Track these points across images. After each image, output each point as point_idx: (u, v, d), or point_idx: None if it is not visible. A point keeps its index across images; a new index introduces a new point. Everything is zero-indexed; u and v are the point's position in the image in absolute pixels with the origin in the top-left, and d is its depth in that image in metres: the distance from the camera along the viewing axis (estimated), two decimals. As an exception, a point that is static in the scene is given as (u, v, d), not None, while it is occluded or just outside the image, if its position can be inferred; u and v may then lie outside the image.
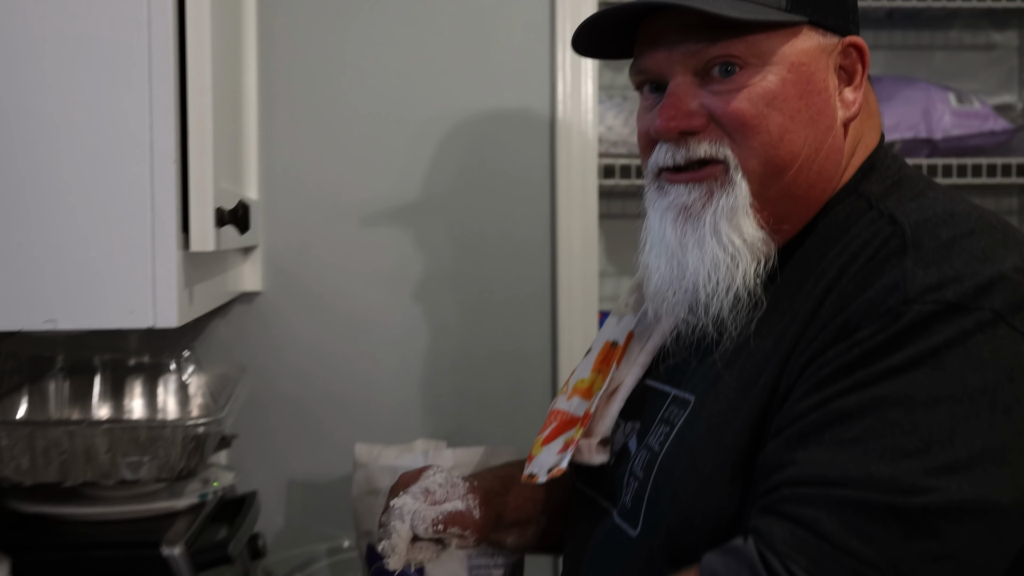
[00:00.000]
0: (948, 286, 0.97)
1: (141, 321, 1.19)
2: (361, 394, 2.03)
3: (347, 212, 2.02)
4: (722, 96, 1.11)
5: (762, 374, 1.06)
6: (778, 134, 1.10)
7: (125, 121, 1.19)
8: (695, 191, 1.13)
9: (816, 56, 1.12)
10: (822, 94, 1.12)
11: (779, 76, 1.10)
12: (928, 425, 0.93)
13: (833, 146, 1.13)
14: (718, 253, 1.10)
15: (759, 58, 1.10)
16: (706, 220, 1.11)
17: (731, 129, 1.10)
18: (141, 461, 1.48)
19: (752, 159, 1.10)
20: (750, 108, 1.09)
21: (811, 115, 1.11)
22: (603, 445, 1.24)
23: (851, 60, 1.14)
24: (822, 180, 1.13)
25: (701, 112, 1.12)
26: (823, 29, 1.12)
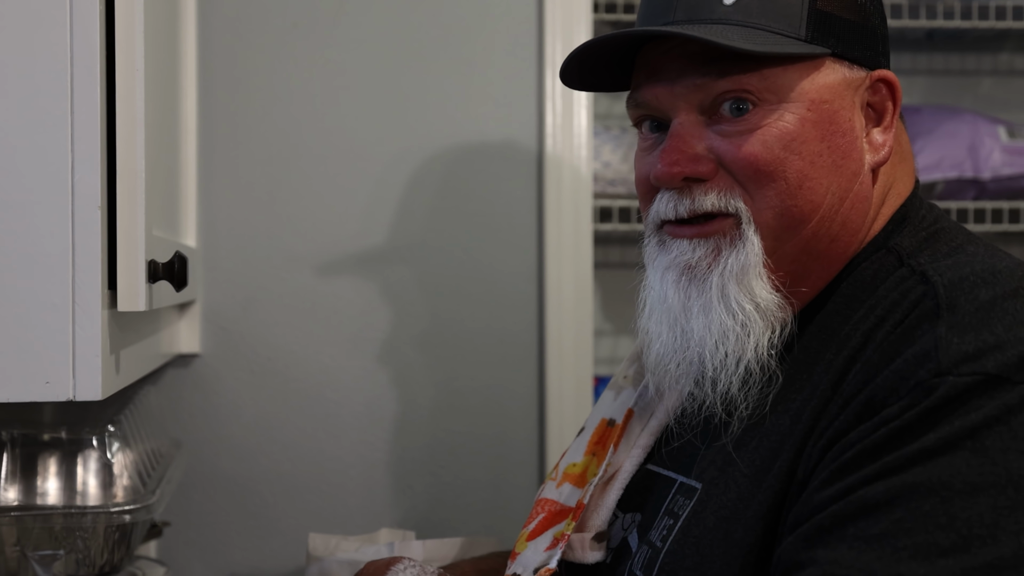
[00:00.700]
0: (988, 355, 0.98)
1: (59, 394, 1.19)
2: (316, 473, 2.04)
3: (299, 262, 2.03)
4: (732, 138, 1.12)
5: (777, 458, 1.07)
6: (797, 182, 1.11)
7: (42, 159, 1.18)
8: (700, 248, 1.14)
9: (840, 92, 1.14)
10: (847, 135, 1.14)
11: (798, 115, 1.12)
12: (967, 518, 0.93)
13: (859, 195, 1.15)
14: (727, 320, 1.12)
15: (775, 94, 1.12)
16: (712, 282, 1.13)
17: (743, 177, 1.12)
18: (55, 556, 1.48)
19: (767, 211, 1.12)
20: (765, 152, 1.11)
21: (834, 159, 1.13)
22: (598, 541, 1.25)
23: (880, 97, 1.17)
24: (846, 233, 1.15)
25: (708, 156, 1.13)
26: (849, 62, 1.15)
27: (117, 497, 1.58)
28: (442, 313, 2.06)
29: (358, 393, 2.04)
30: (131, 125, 1.25)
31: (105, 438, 1.60)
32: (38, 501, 1.57)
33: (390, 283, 2.05)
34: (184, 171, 1.91)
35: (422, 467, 2.05)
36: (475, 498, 2.07)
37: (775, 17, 1.12)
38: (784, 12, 1.12)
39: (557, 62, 2.05)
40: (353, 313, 2.04)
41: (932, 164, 2.19)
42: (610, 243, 2.33)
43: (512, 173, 2.07)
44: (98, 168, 1.20)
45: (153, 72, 1.36)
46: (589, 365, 2.08)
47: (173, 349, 1.91)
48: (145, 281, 1.26)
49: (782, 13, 1.12)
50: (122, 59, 1.25)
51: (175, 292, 1.42)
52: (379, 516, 2.03)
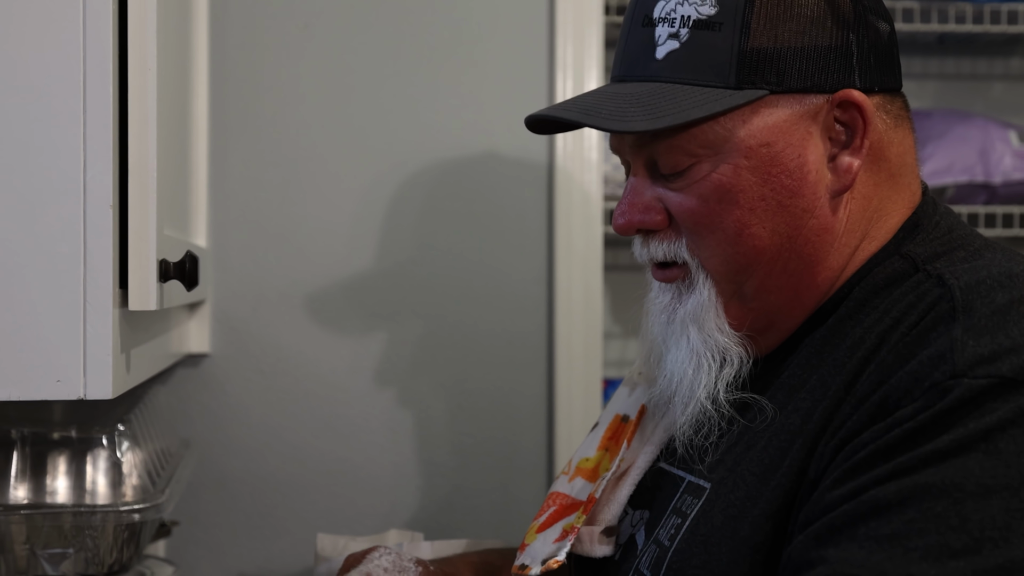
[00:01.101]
0: (1003, 358, 0.98)
1: (70, 392, 1.19)
2: (324, 474, 2.04)
3: (310, 263, 2.03)
4: (676, 193, 1.16)
5: (786, 456, 1.07)
6: (735, 231, 1.14)
7: (54, 158, 1.19)
8: (665, 293, 1.20)
9: (785, 129, 1.13)
10: (794, 174, 1.13)
11: (732, 164, 1.13)
12: (979, 520, 0.93)
13: (816, 227, 1.15)
14: (686, 358, 1.17)
15: (708, 148, 1.13)
16: (677, 322, 1.18)
17: (685, 229, 1.16)
18: (65, 554, 1.48)
19: (712, 259, 1.16)
20: (701, 207, 1.14)
21: (779, 200, 1.13)
22: (607, 535, 1.25)
23: (851, 115, 1.14)
24: (810, 265, 1.16)
25: (659, 207, 1.17)
26: (797, 92, 1.13)
27: (126, 496, 1.58)
28: (451, 315, 2.06)
29: (367, 394, 2.04)
30: (143, 124, 1.25)
31: (115, 437, 1.60)
32: (47, 499, 1.58)
33: (400, 285, 2.05)
34: (195, 171, 1.91)
35: (431, 468, 2.06)
36: (483, 500, 2.07)
37: (702, 69, 1.12)
38: (711, 62, 1.11)
39: (568, 64, 2.05)
40: (363, 314, 2.04)
41: (943, 168, 2.19)
42: (620, 246, 2.33)
43: (523, 175, 2.07)
44: (110, 167, 1.20)
45: (165, 72, 1.36)
46: (598, 368, 2.08)
47: (183, 349, 1.92)
48: (156, 280, 1.26)
49: (709, 63, 1.11)
50: (134, 59, 1.25)
51: (186, 291, 1.42)
52: (388, 517, 2.03)
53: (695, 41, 1.12)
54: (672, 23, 1.13)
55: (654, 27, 1.14)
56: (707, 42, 1.11)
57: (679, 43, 1.12)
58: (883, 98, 1.17)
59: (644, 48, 1.15)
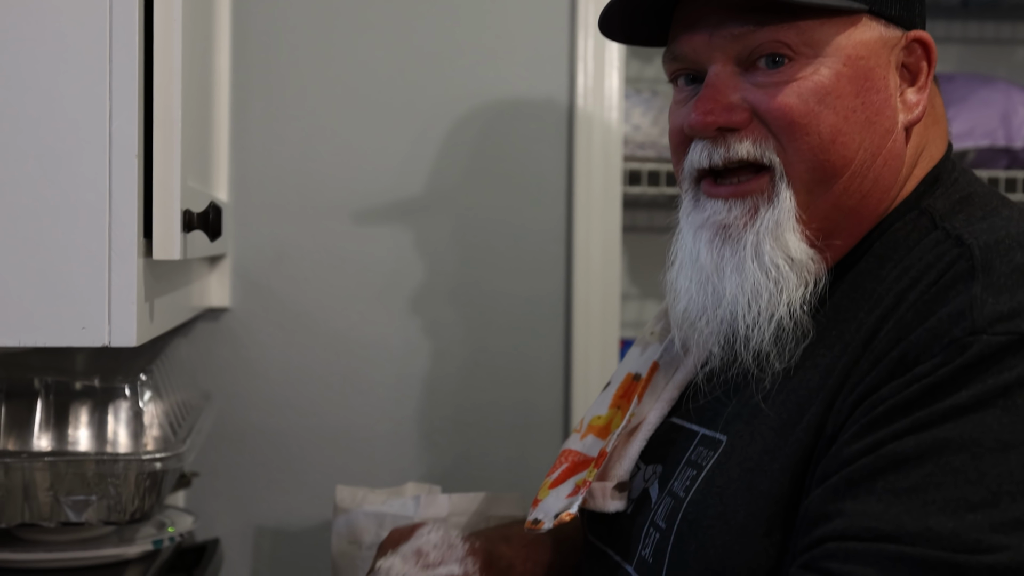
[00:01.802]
0: (1022, 315, 0.98)
1: (95, 339, 1.20)
2: (344, 428, 2.05)
3: (330, 217, 2.04)
4: (767, 89, 1.13)
5: (805, 412, 1.07)
6: (830, 135, 1.12)
7: (80, 109, 1.19)
8: (736, 208, 1.15)
9: (876, 50, 1.14)
10: (881, 93, 1.14)
11: (833, 70, 1.12)
12: (997, 474, 0.94)
13: (892, 152, 1.15)
14: (760, 279, 1.12)
15: (812, 48, 1.12)
16: (747, 241, 1.13)
17: (776, 128, 1.13)
18: (88, 501, 1.50)
19: (799, 163, 1.13)
20: (799, 104, 1.12)
21: (868, 116, 1.13)
22: (620, 490, 1.25)
23: (915, 58, 1.17)
24: (878, 190, 1.16)
25: (743, 106, 1.14)
26: (885, 20, 1.15)
27: (148, 445, 1.60)
28: (470, 274, 2.07)
29: (386, 349, 2.05)
30: (168, 75, 1.26)
31: (137, 387, 1.61)
32: (70, 448, 1.59)
33: (419, 242, 2.05)
34: (217, 126, 1.92)
35: (448, 423, 2.07)
36: (500, 456, 2.08)
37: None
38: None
39: (590, 24, 2.04)
40: (382, 270, 2.05)
41: (964, 132, 2.18)
42: (638, 207, 2.33)
43: (542, 134, 2.07)
44: (135, 118, 1.20)
45: (189, 23, 1.36)
46: (616, 328, 2.08)
47: (204, 302, 1.92)
48: (180, 230, 1.27)
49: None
50: (160, 9, 1.25)
51: (209, 242, 1.43)
52: (406, 470, 2.04)
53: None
54: None
55: None
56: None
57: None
58: None
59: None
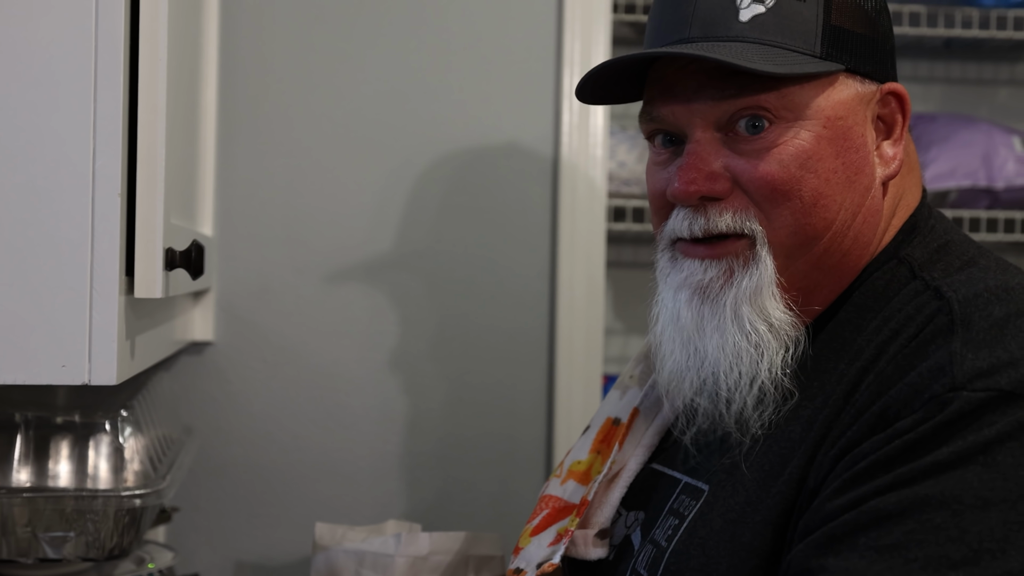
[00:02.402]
0: (1001, 371, 0.98)
1: (74, 377, 1.19)
2: (325, 464, 2.04)
3: (315, 252, 2.03)
4: (749, 157, 1.12)
5: (787, 465, 1.07)
6: (811, 200, 1.11)
7: (64, 146, 1.19)
8: (712, 269, 1.14)
9: (854, 108, 1.14)
10: (860, 150, 1.14)
11: (813, 133, 1.12)
12: (978, 531, 0.94)
13: (871, 208, 1.16)
14: (740, 341, 1.12)
15: (791, 111, 1.12)
16: (727, 303, 1.13)
17: (758, 196, 1.12)
18: (66, 537, 1.48)
19: (781, 230, 1.12)
20: (781, 172, 1.11)
21: (848, 175, 1.13)
22: (601, 537, 1.25)
23: (890, 110, 1.17)
24: (858, 247, 1.16)
25: (725, 175, 1.13)
26: (861, 76, 1.15)
27: (128, 481, 1.58)
28: (454, 309, 2.06)
29: (369, 385, 2.05)
30: (153, 114, 1.25)
31: (118, 423, 1.60)
32: (49, 483, 1.58)
33: (404, 277, 2.05)
34: (203, 160, 1.91)
35: (430, 460, 2.06)
36: (482, 493, 2.07)
37: (791, 34, 1.11)
38: (799, 29, 1.11)
39: (576, 61, 2.05)
40: (367, 305, 2.04)
41: (946, 172, 2.19)
42: (623, 242, 2.32)
43: (528, 171, 2.07)
44: (119, 156, 1.20)
45: (175, 62, 1.36)
46: (599, 364, 2.08)
47: (187, 336, 1.92)
48: (162, 269, 1.26)
49: (797, 30, 1.11)
50: (146, 48, 1.25)
51: (191, 280, 1.42)
52: (386, 508, 2.03)
53: (782, 8, 1.11)
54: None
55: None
56: (794, 10, 1.11)
57: (764, 8, 1.11)
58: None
59: (724, 11, 1.12)
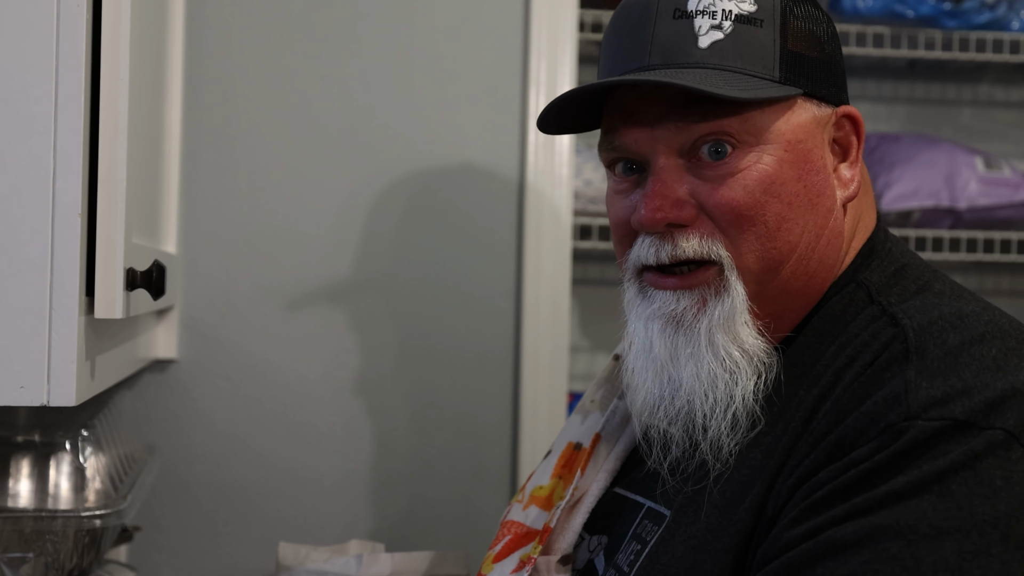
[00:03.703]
0: (955, 400, 0.99)
1: (33, 398, 1.19)
2: (289, 482, 2.03)
3: (279, 269, 2.02)
4: (713, 183, 1.12)
5: (748, 492, 1.07)
6: (776, 224, 1.12)
7: (24, 165, 1.18)
8: (685, 299, 1.14)
9: (812, 130, 1.15)
10: (820, 173, 1.15)
11: (776, 156, 1.12)
12: (932, 561, 0.94)
13: (834, 231, 1.16)
14: (716, 368, 1.12)
15: (753, 136, 1.12)
16: (700, 330, 1.12)
17: (724, 222, 1.12)
18: (25, 558, 1.47)
19: (748, 255, 1.12)
20: (745, 197, 1.11)
21: (810, 198, 1.13)
22: (563, 563, 1.25)
23: (845, 132, 1.18)
24: (822, 269, 1.16)
25: (690, 201, 1.13)
26: (817, 100, 1.15)
27: (88, 501, 1.57)
28: (419, 326, 2.06)
29: (334, 403, 2.04)
30: (114, 134, 1.25)
31: (78, 442, 1.59)
32: (9, 503, 1.56)
33: (369, 295, 2.04)
34: (167, 177, 1.90)
35: (395, 479, 2.05)
36: (446, 511, 2.06)
37: (750, 60, 1.12)
38: (759, 54, 1.12)
39: (542, 80, 2.05)
40: (331, 323, 2.03)
41: (909, 192, 2.20)
42: (589, 260, 2.33)
43: (494, 188, 2.07)
44: (79, 176, 1.19)
45: (138, 80, 1.35)
46: (564, 381, 2.08)
47: (150, 354, 1.90)
48: (123, 289, 1.26)
49: (756, 56, 1.12)
50: (107, 67, 1.24)
51: (152, 300, 1.41)
52: (350, 527, 2.02)
53: (740, 34, 1.12)
54: (713, 16, 1.12)
55: (692, 19, 1.12)
56: (752, 36, 1.12)
57: (723, 34, 1.12)
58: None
59: (683, 38, 1.13)
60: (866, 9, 2.18)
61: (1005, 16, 2.25)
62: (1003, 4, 2.25)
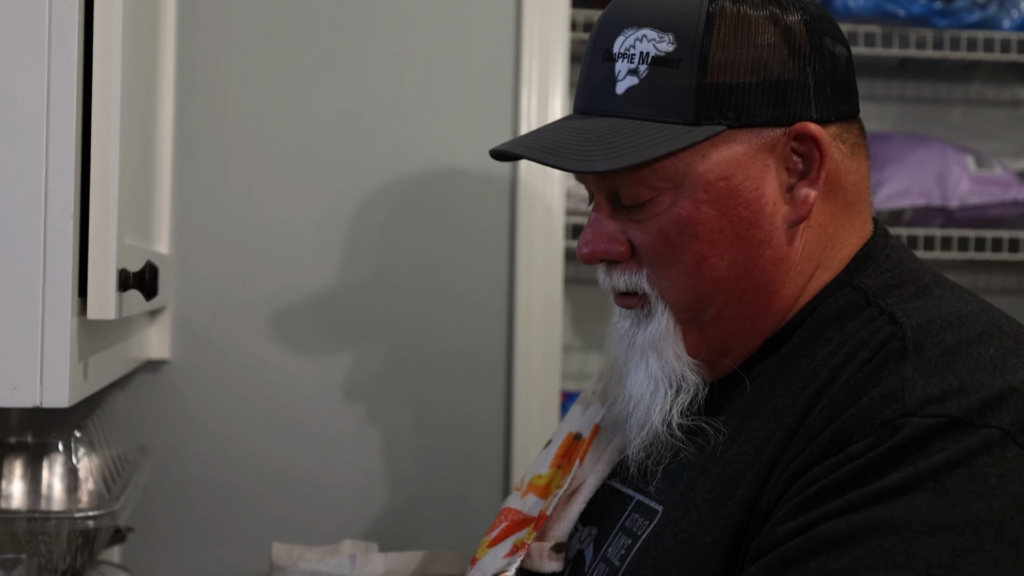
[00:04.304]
0: (952, 398, 0.99)
1: (26, 400, 1.18)
2: (282, 482, 2.03)
3: (272, 270, 2.02)
4: (637, 225, 1.16)
5: (739, 485, 1.07)
6: (694, 263, 1.14)
7: (16, 166, 1.17)
8: (626, 319, 1.21)
9: (743, 163, 1.13)
10: (752, 205, 1.13)
11: (692, 199, 1.13)
12: (925, 557, 0.94)
13: (774, 257, 1.15)
14: (644, 382, 1.18)
15: (668, 182, 1.13)
16: (637, 347, 1.19)
17: (647, 261, 1.16)
18: (18, 559, 1.47)
19: (671, 289, 1.16)
20: (660, 240, 1.14)
21: (737, 232, 1.13)
22: (557, 551, 1.26)
23: (807, 147, 1.14)
24: (766, 295, 1.16)
25: (622, 239, 1.17)
26: (757, 126, 1.12)
27: (82, 502, 1.57)
28: (412, 326, 2.06)
29: (326, 403, 2.04)
30: (106, 135, 1.24)
31: (71, 443, 1.59)
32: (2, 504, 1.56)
33: (362, 295, 2.04)
34: (159, 178, 1.90)
35: (388, 478, 2.05)
36: (440, 510, 2.06)
37: (661, 106, 1.11)
38: (671, 98, 1.11)
39: (534, 80, 2.05)
40: (323, 323, 2.03)
41: (901, 191, 2.21)
42: (581, 259, 2.33)
43: (486, 188, 2.07)
44: (72, 177, 1.19)
45: (130, 81, 1.35)
46: (557, 380, 2.08)
47: (143, 355, 1.90)
48: (115, 290, 1.26)
49: (669, 100, 1.11)
50: (99, 68, 1.24)
51: (145, 301, 1.41)
52: (343, 527, 2.02)
53: (654, 78, 1.11)
54: (631, 59, 1.12)
55: (614, 62, 1.14)
56: (665, 79, 1.11)
57: (638, 79, 1.12)
58: (840, 127, 1.16)
59: (604, 83, 1.15)
60: (857, 8, 2.19)
61: (996, 15, 2.25)
62: (994, 3, 2.25)
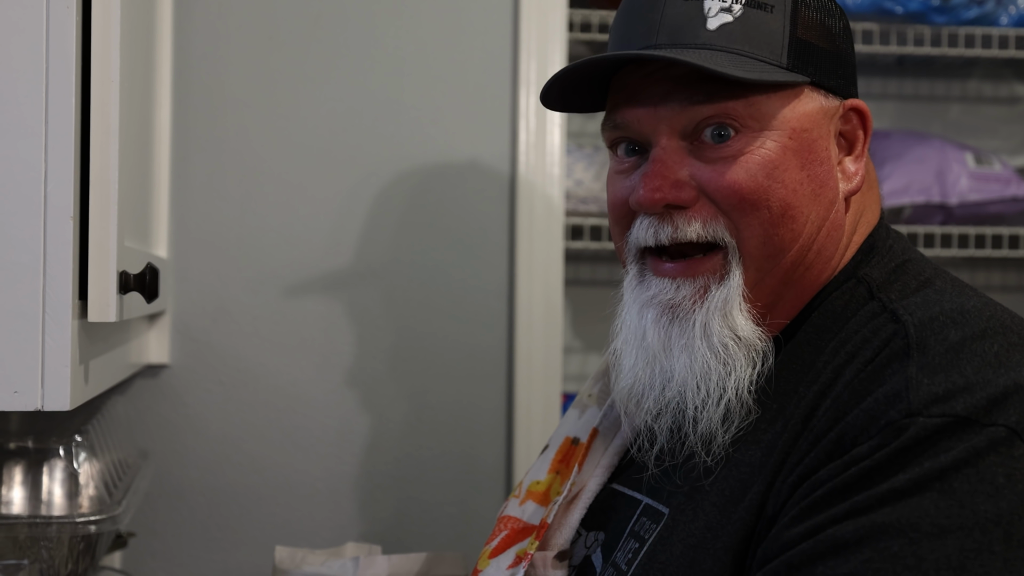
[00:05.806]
0: (957, 397, 0.98)
1: (27, 403, 1.18)
2: (283, 486, 2.02)
3: (271, 275, 2.02)
4: (715, 165, 1.12)
5: (748, 490, 1.06)
6: (780, 210, 1.11)
7: (16, 169, 1.17)
8: (685, 287, 1.13)
9: (818, 121, 1.14)
10: (824, 164, 1.14)
11: (779, 143, 1.12)
12: (934, 559, 0.93)
13: (835, 223, 1.16)
14: (709, 359, 1.11)
15: (758, 121, 1.12)
16: (696, 320, 1.12)
17: (726, 206, 1.11)
18: (20, 565, 1.46)
19: (751, 240, 1.11)
20: (748, 180, 1.11)
21: (813, 188, 1.13)
22: (560, 559, 1.24)
23: (852, 126, 1.17)
24: (820, 261, 1.15)
25: (691, 183, 1.12)
26: (824, 91, 1.15)
27: (83, 507, 1.57)
28: (412, 328, 2.05)
29: (327, 406, 2.03)
30: (105, 137, 1.24)
31: (72, 448, 1.59)
32: (2, 510, 1.56)
33: (361, 297, 2.04)
34: (157, 181, 1.90)
35: (389, 481, 2.04)
36: (442, 513, 2.06)
37: (758, 44, 1.12)
38: (767, 40, 1.12)
39: (532, 80, 2.05)
40: (323, 326, 2.03)
41: (900, 189, 2.20)
42: (581, 261, 2.32)
43: (485, 189, 2.07)
44: (71, 179, 1.19)
45: (128, 83, 1.35)
46: (558, 382, 2.08)
47: (142, 359, 1.90)
48: (116, 292, 1.25)
49: (765, 40, 1.12)
50: (98, 71, 1.24)
51: (145, 303, 1.41)
52: (346, 530, 2.02)
53: (749, 18, 1.12)
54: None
55: (701, 1, 1.12)
56: (761, 21, 1.12)
57: (732, 17, 1.12)
58: None
59: (691, 19, 1.12)
60: (855, 5, 2.18)
61: (993, 12, 2.25)
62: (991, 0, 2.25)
